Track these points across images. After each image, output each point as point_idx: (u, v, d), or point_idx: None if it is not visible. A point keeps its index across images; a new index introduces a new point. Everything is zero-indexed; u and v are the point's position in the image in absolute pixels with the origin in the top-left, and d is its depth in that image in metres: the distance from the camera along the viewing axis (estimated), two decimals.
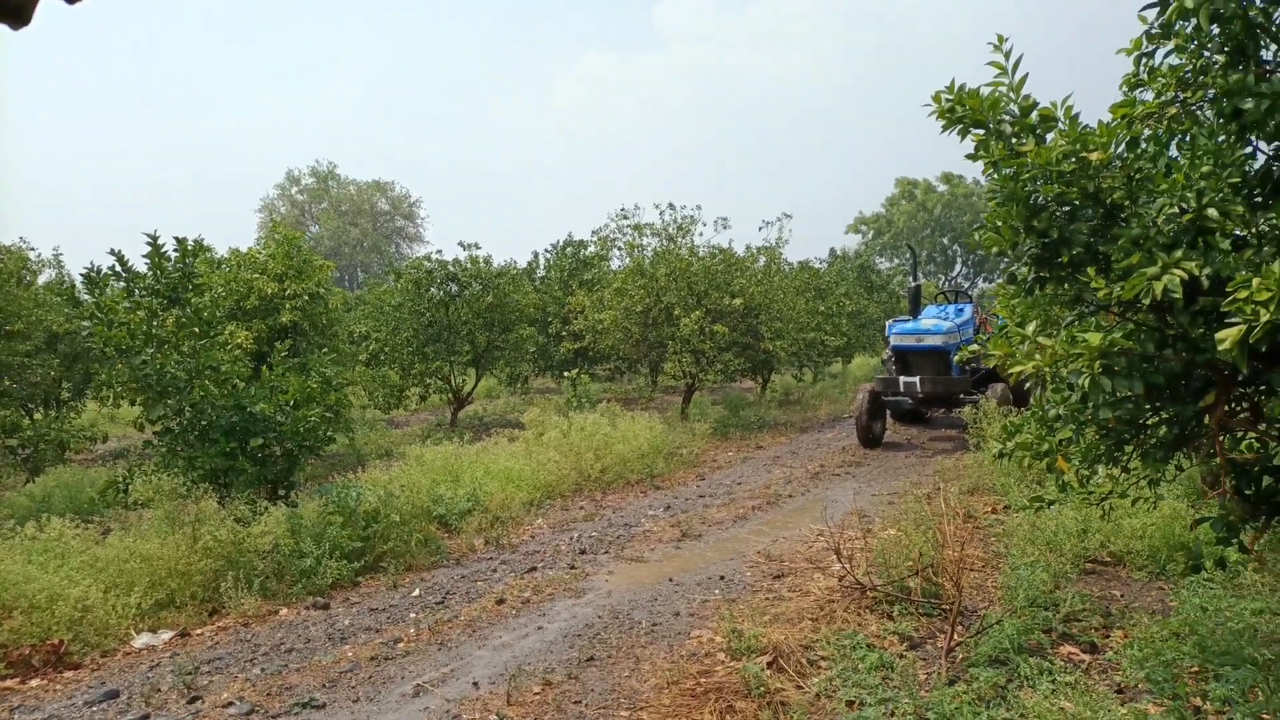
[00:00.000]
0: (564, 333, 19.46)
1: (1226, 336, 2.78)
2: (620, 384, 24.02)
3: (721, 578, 6.36)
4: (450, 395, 16.63)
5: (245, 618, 5.95)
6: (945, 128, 3.88)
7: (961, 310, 13.04)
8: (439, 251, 16.58)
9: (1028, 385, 3.73)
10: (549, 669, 4.75)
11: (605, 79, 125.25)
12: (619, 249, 18.86)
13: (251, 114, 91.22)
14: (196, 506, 6.98)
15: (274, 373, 8.36)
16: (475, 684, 4.62)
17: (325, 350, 11.51)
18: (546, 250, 24.07)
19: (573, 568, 6.83)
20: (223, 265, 12.81)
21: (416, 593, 6.38)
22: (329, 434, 8.32)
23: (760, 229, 43.46)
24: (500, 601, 6.01)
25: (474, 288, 16.34)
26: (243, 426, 7.55)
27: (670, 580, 6.37)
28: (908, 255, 50.22)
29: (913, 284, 13.84)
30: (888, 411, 13.63)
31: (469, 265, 16.45)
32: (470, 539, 7.85)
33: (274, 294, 12.18)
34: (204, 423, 7.51)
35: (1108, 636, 4.93)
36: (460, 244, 17.18)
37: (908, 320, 12.98)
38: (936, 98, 3.81)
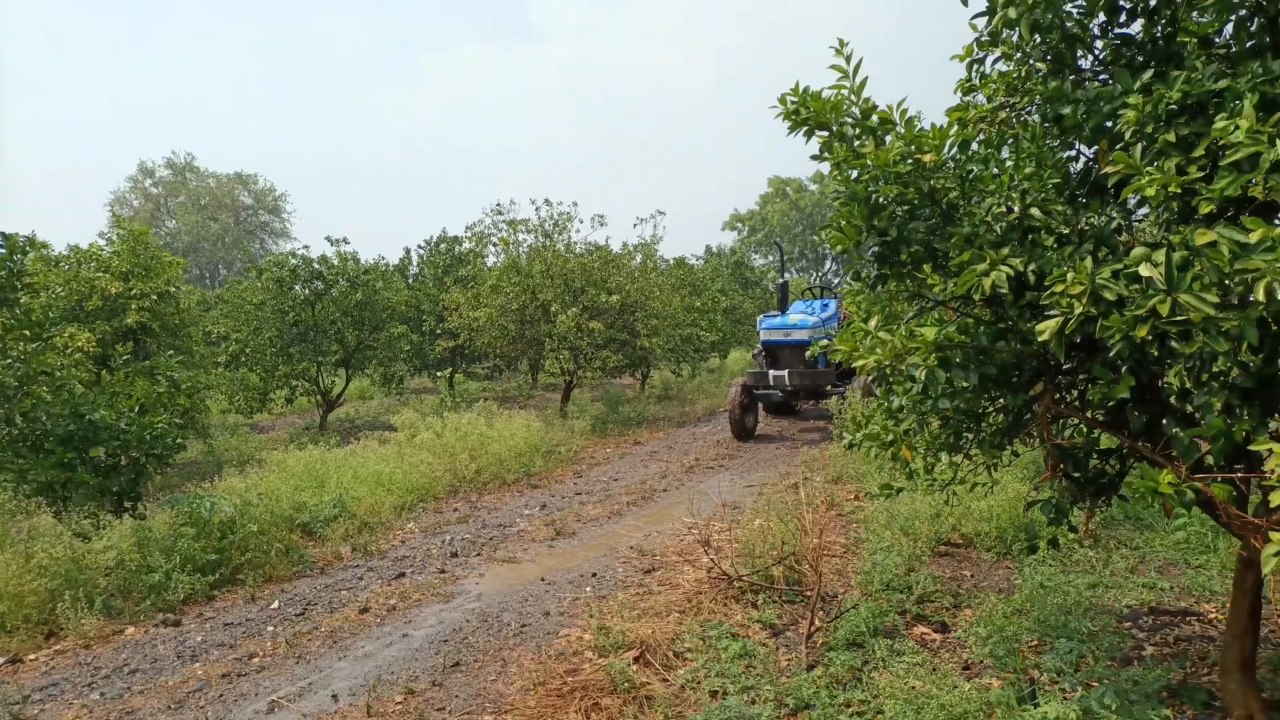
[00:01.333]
0: (439, 331, 19.06)
1: (1045, 328, 2.95)
2: (500, 382, 23.74)
3: (594, 575, 6.37)
4: (319, 397, 16.04)
5: (86, 639, 5.56)
6: (791, 129, 3.98)
7: (827, 305, 13.49)
8: (306, 247, 15.97)
9: (871, 378, 3.88)
10: (412, 677, 4.64)
11: (481, 71, 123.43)
12: (494, 245, 18.63)
13: (98, 101, 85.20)
14: (29, 523, 6.49)
15: (115, 377, 7.85)
16: (334, 697, 4.47)
17: (171, 353, 10.88)
18: (420, 246, 23.54)
19: (443, 572, 6.70)
20: (61, 263, 11.93)
21: (276, 605, 6.12)
22: (179, 441, 7.88)
23: (635, 226, 43.62)
24: (364, 610, 5.83)
25: (341, 285, 15.80)
26: (82, 435, 7.06)
27: (542, 580, 6.34)
28: (777, 253, 51.64)
29: (781, 280, 14.22)
30: (759, 405, 13.97)
31: (336, 262, 15.89)
32: (336, 547, 7.59)
33: (119, 293, 11.44)
34: (38, 432, 6.98)
35: (957, 615, 5.19)
36: (328, 239, 16.62)
37: (776, 315, 13.34)
38: (782, 99, 3.90)
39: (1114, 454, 4.20)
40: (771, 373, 12.69)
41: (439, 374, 17.50)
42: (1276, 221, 2.96)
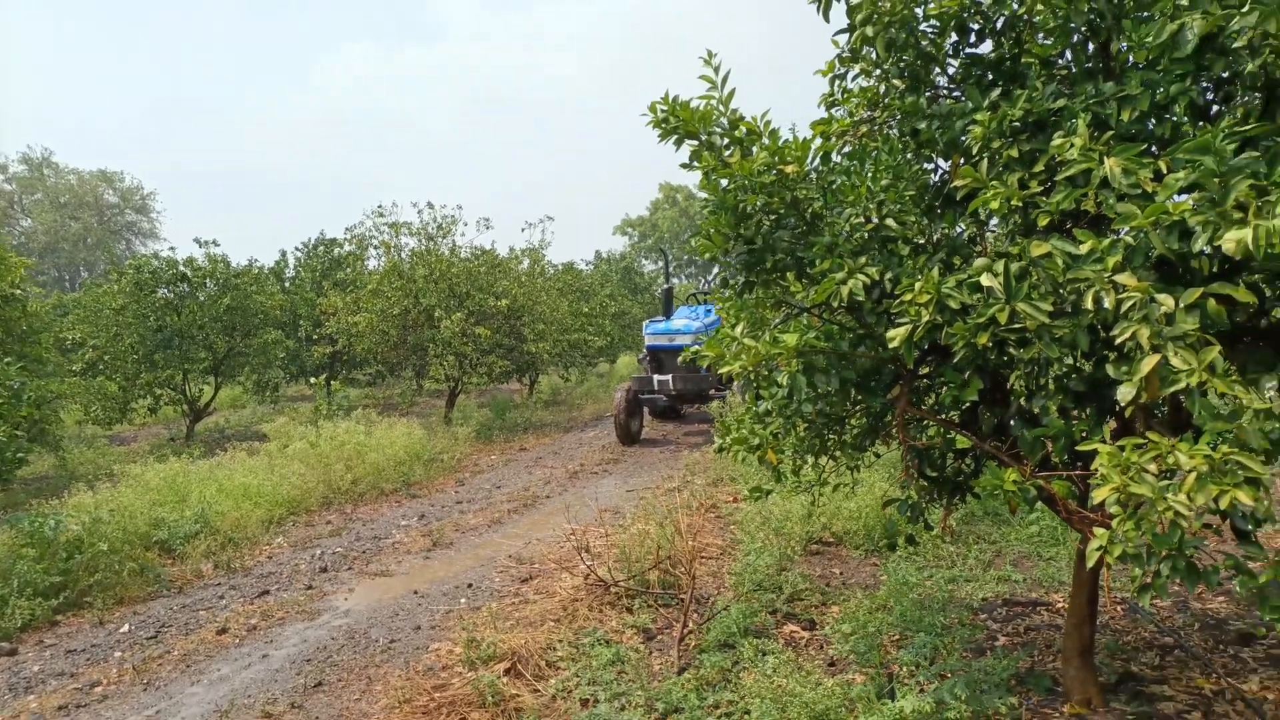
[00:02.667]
0: (316, 336, 18.40)
1: (896, 335, 3.05)
2: (382, 389, 23.09)
3: (469, 586, 6.25)
4: (185, 406, 15.23)
5: None
6: (662, 137, 4.00)
7: (710, 311, 13.69)
8: (172, 249, 15.16)
9: (736, 383, 3.94)
10: (270, 700, 4.43)
11: (373, 71, 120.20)
12: (375, 248, 18.14)
13: None
14: None
15: None
16: None
17: (9, 360, 10.09)
18: (297, 249, 22.68)
19: (310, 588, 6.44)
20: None
21: (126, 628, 5.74)
22: (20, 455, 7.32)
23: (524, 230, 43.30)
24: (222, 631, 5.54)
25: (209, 288, 15.06)
26: None
27: (415, 593, 6.17)
28: (661, 259, 52.22)
29: (665, 286, 14.36)
30: (645, 409, 14.05)
31: (204, 264, 15.14)
32: (197, 564, 7.19)
33: None
34: None
35: (826, 613, 5.32)
36: (196, 241, 15.79)
37: (661, 321, 13.45)
38: (652, 108, 3.92)
39: (968, 454, 4.39)
40: (656, 378, 12.80)
41: (315, 381, 16.88)
42: (1113, 233, 3.13)
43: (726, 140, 3.96)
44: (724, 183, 3.81)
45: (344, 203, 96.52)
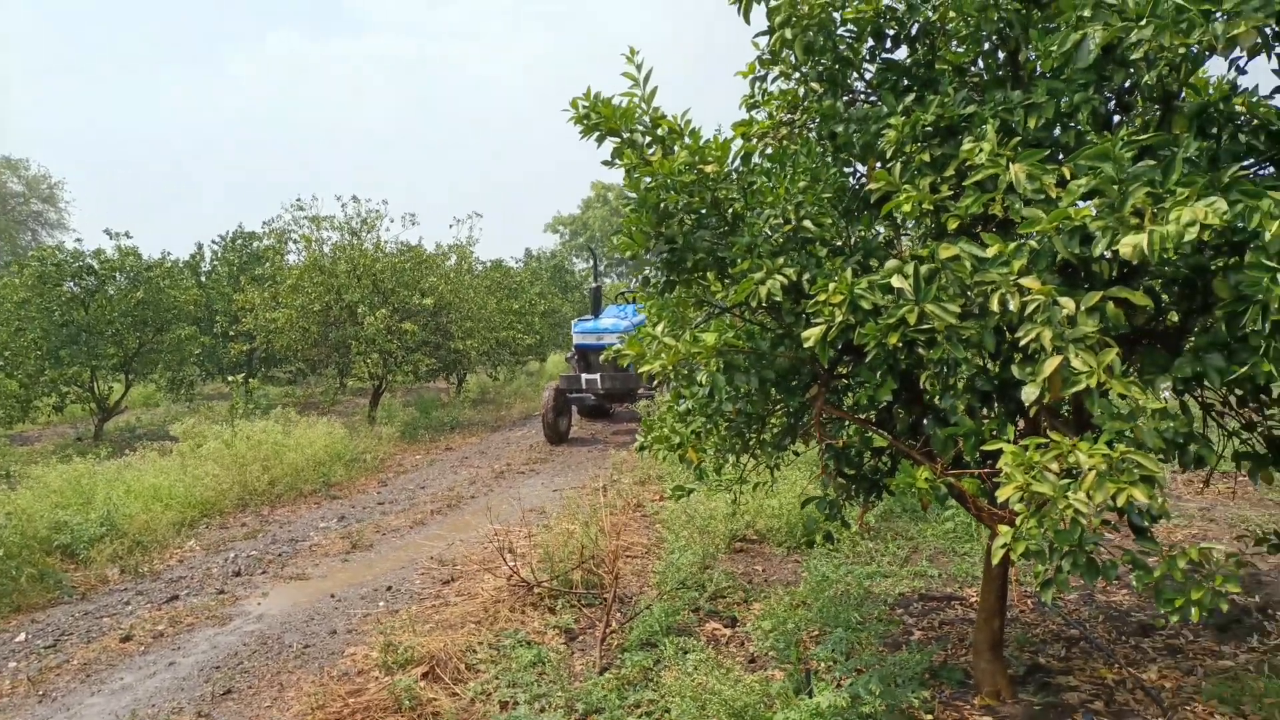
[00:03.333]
0: (233, 333, 17.82)
1: (810, 335, 3.08)
2: (304, 388, 22.51)
3: (389, 588, 6.12)
4: (93, 405, 14.60)
5: None
6: (584, 134, 3.97)
7: (638, 310, 13.71)
8: (79, 240, 14.51)
9: (656, 383, 3.94)
10: (176, 709, 4.27)
11: (296, 61, 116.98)
12: (295, 243, 17.67)
13: None
14: None
15: None
16: None
17: None
18: (214, 242, 21.95)
19: (222, 592, 6.23)
20: None
21: (22, 637, 5.46)
22: None
23: (452, 226, 42.76)
24: (127, 638, 5.31)
25: (119, 282, 14.46)
26: None
27: (332, 597, 6.02)
28: (590, 258, 52.14)
29: (594, 285, 14.33)
30: (574, 408, 14.00)
31: (114, 256, 14.53)
32: (102, 569, 6.89)
33: None
34: None
35: (748, 610, 5.36)
36: (107, 232, 15.10)
37: (590, 320, 13.42)
38: (574, 103, 3.89)
39: (884, 452, 4.47)
40: (584, 376, 12.75)
41: (232, 379, 16.36)
42: (1019, 238, 3.21)
43: (649, 138, 3.96)
44: (646, 181, 3.79)
45: (269, 197, 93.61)
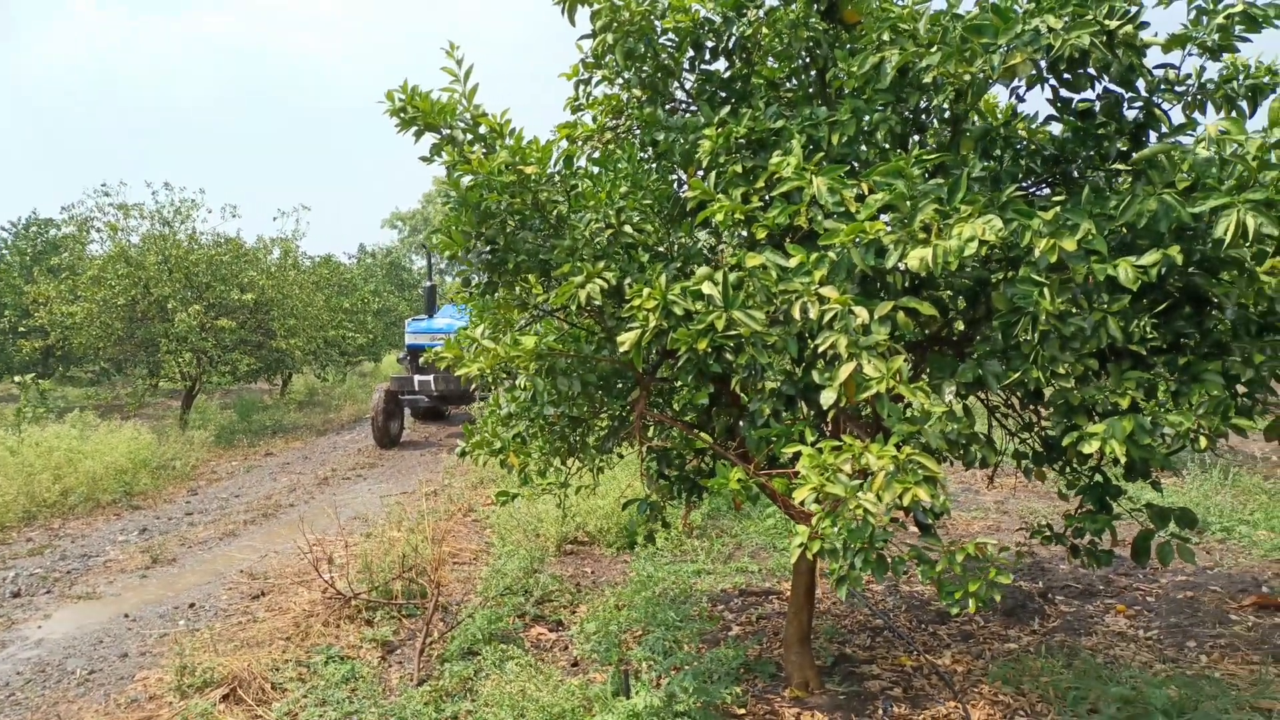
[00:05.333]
0: (23, 328, 16.20)
1: (625, 339, 3.09)
2: (110, 389, 20.75)
3: (191, 605, 5.71)
4: None
5: None
6: (400, 128, 3.84)
7: (459, 310, 13.49)
8: None
9: (474, 387, 3.86)
10: None
11: (107, 38, 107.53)
12: (98, 231, 16.27)
13: None
14: None
15: None
16: None
17: None
18: (3, 228, 19.90)
19: None
20: None
21: None
22: None
23: (276, 219, 40.61)
24: None
25: None
26: None
27: (126, 616, 5.54)
28: (427, 255, 50.98)
29: (428, 284, 13.97)
30: (406, 410, 13.59)
31: None
32: None
33: None
34: None
35: (575, 613, 5.36)
36: None
37: (424, 319, 13.08)
38: (389, 96, 3.75)
39: (706, 453, 4.57)
40: (417, 378, 12.40)
41: (21, 379, 14.86)
42: (822, 249, 3.35)
43: (470, 136, 3.87)
44: (466, 179, 3.70)
45: (70, 183, 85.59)
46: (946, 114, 3.40)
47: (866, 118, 3.30)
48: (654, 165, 4.10)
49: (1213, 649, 4.59)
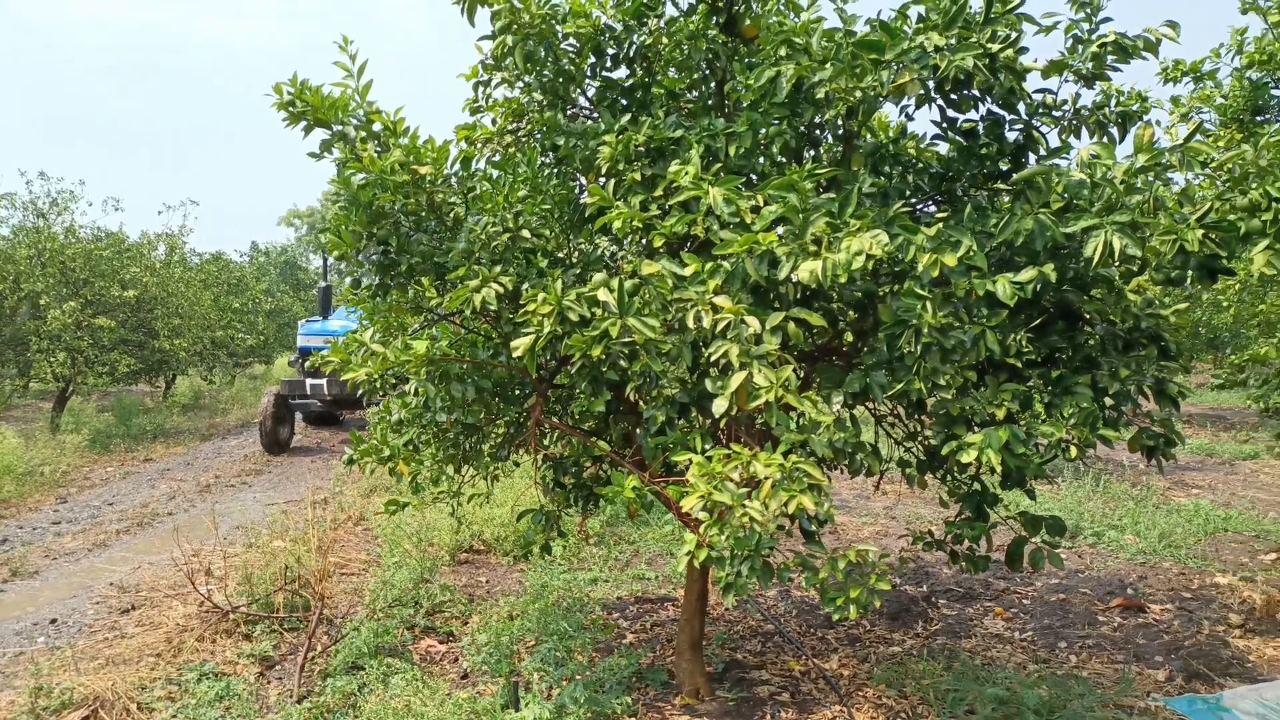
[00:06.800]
0: None
1: (519, 345, 3.05)
2: None
3: (53, 621, 5.35)
4: None
5: None
6: (289, 122, 3.71)
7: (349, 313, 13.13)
8: None
9: (361, 392, 3.75)
10: None
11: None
12: None
13: None
14: None
15: None
16: None
17: None
18: None
19: None
20: None
21: None
22: None
23: (161, 213, 38.75)
24: None
25: None
26: None
27: None
28: (323, 255, 49.60)
29: (323, 284, 13.54)
30: (297, 415, 13.12)
31: None
32: None
33: None
34: None
35: (468, 624, 5.24)
36: None
37: (318, 320, 12.66)
38: (277, 89, 3.61)
39: (603, 461, 4.55)
40: (309, 381, 11.97)
41: None
42: (718, 259, 3.37)
43: (364, 133, 3.77)
44: (358, 178, 3.59)
45: None
46: (840, 130, 3.47)
47: (763, 131, 3.34)
48: (554, 170, 4.07)
49: (1081, 649, 4.82)
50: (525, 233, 3.64)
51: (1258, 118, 5.57)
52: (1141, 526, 7.25)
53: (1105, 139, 3.37)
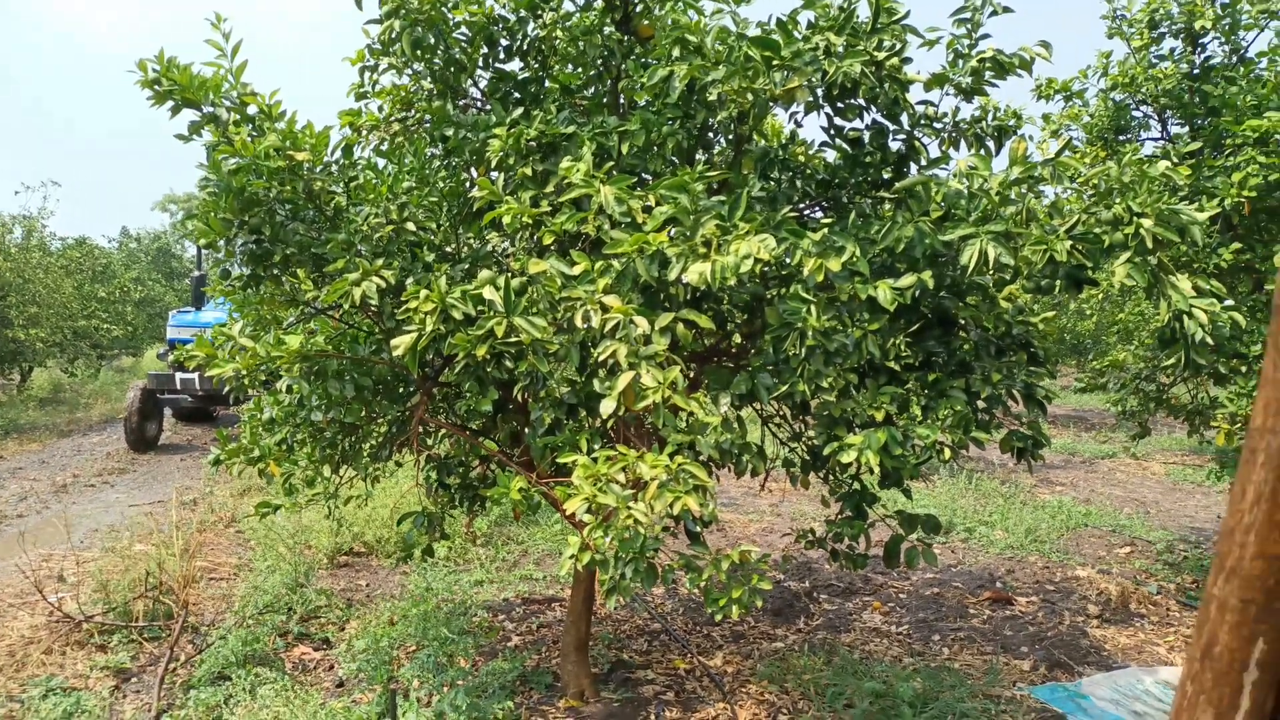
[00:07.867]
0: None
1: (400, 343, 2.94)
2: None
3: None
4: None
5: None
6: (155, 102, 3.47)
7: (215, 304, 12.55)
8: None
9: (227, 390, 3.55)
10: None
11: None
12: None
13: None
14: None
15: None
16: None
17: None
18: None
19: None
20: None
21: None
22: None
23: (17, 193, 36.30)
24: None
25: None
26: None
27: None
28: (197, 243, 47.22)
29: (197, 273, 12.86)
30: (167, 411, 12.42)
31: None
32: None
33: None
34: None
35: (346, 629, 5.05)
36: None
37: (190, 312, 12.02)
38: (142, 65, 3.38)
39: (490, 461, 4.46)
40: (180, 375, 11.32)
41: None
42: (608, 258, 3.34)
43: (238, 116, 3.57)
44: (230, 161, 3.40)
45: None
46: (731, 133, 3.49)
47: (656, 131, 3.33)
48: (444, 162, 3.95)
49: (954, 641, 5.02)
50: (410, 225, 3.53)
51: (1120, 137, 5.92)
52: (1010, 523, 7.62)
53: (982, 151, 3.51)
